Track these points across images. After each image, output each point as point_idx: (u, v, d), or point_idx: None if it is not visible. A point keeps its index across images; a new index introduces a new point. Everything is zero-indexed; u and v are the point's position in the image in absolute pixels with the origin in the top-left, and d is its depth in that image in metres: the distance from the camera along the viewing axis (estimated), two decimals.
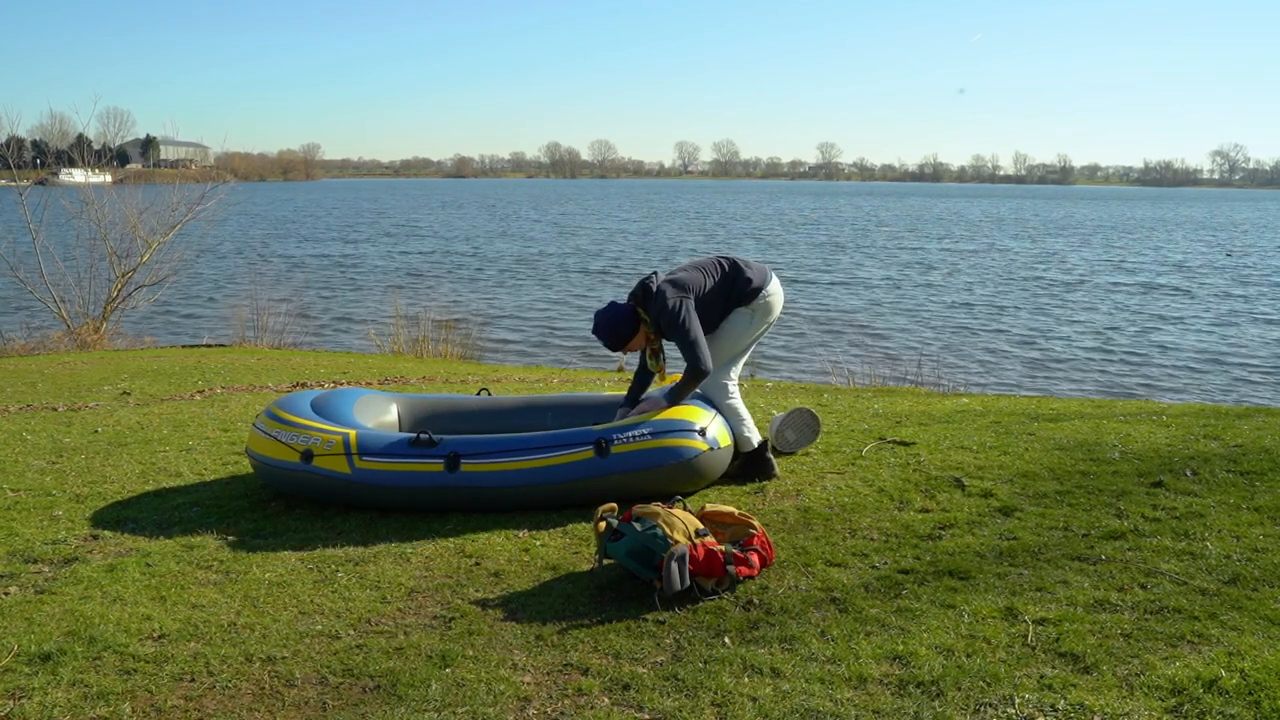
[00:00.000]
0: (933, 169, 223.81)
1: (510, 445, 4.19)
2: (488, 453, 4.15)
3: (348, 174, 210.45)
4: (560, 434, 4.25)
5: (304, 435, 4.27)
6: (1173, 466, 4.68)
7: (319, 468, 4.17)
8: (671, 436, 4.22)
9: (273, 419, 4.47)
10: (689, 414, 4.37)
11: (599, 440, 4.15)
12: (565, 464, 4.13)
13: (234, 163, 73.59)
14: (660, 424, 4.26)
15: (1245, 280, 25.38)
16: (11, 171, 17.26)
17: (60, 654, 2.89)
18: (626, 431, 4.21)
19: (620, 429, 4.23)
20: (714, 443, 4.34)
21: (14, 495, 4.60)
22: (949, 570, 3.46)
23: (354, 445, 4.16)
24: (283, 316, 14.96)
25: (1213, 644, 2.85)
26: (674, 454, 4.20)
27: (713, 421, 4.42)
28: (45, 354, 12.26)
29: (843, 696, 2.61)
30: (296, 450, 4.22)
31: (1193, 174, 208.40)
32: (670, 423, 4.27)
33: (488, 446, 4.19)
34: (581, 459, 4.13)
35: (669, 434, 4.23)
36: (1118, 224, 55.07)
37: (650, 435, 4.21)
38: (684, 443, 4.23)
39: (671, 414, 4.33)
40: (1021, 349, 15.17)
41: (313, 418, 4.44)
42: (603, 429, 4.25)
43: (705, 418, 4.39)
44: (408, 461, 4.11)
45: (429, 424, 4.96)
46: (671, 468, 4.22)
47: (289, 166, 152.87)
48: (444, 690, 2.68)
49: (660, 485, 4.23)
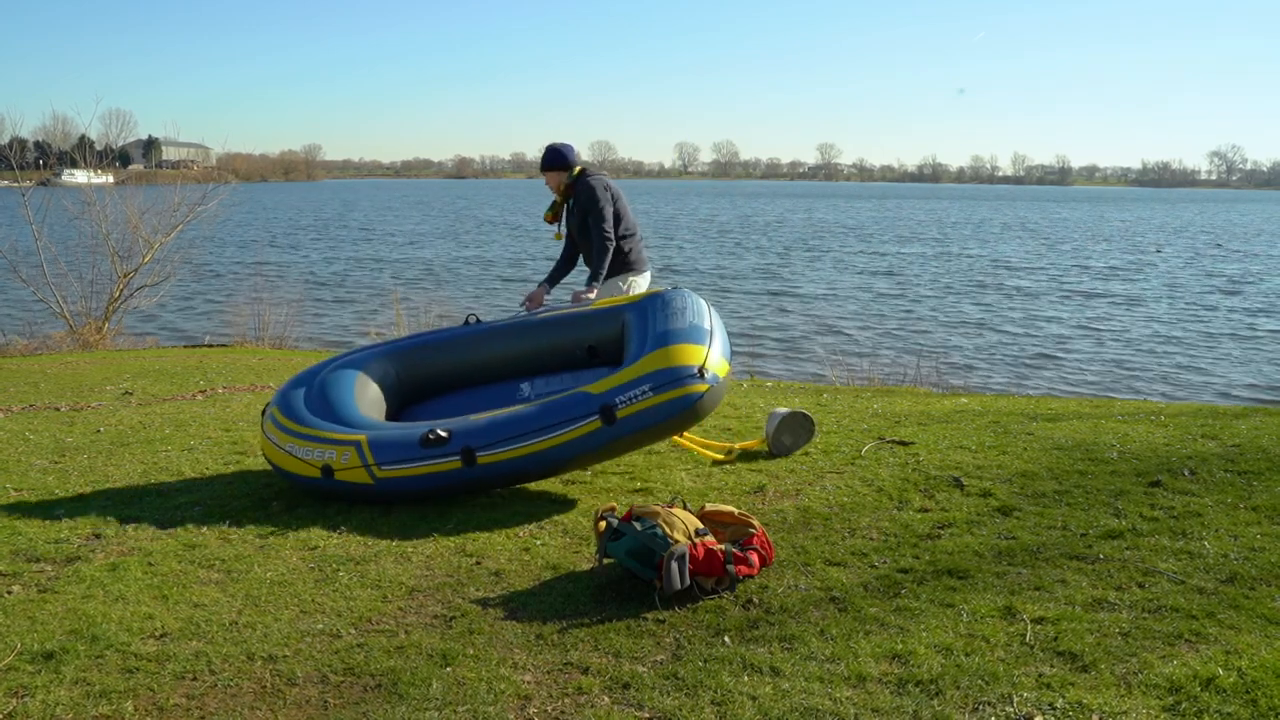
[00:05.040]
0: (932, 169, 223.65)
1: (519, 429, 4.23)
2: (500, 440, 4.22)
3: (349, 174, 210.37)
4: (564, 405, 4.26)
5: (318, 450, 4.33)
6: (1171, 466, 4.69)
7: (342, 481, 4.30)
8: (673, 388, 4.22)
9: (280, 429, 4.50)
10: (684, 356, 4.31)
11: (604, 408, 4.17)
12: (577, 438, 4.20)
13: (235, 163, 73.71)
14: (659, 375, 4.24)
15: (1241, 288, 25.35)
16: (14, 172, 17.29)
17: (63, 652, 2.90)
18: (628, 392, 4.21)
19: (621, 389, 4.22)
20: (714, 379, 4.32)
21: (17, 494, 4.61)
22: (948, 569, 3.47)
23: (369, 455, 4.25)
24: (284, 316, 14.99)
25: (1210, 643, 2.86)
26: (680, 404, 4.23)
27: (709, 353, 4.37)
28: (48, 354, 12.29)
29: (842, 695, 2.62)
30: (315, 466, 4.32)
31: (1190, 175, 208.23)
32: (668, 373, 4.25)
33: (498, 434, 4.24)
34: (591, 430, 4.19)
35: (670, 385, 4.22)
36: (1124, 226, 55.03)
37: (652, 391, 4.21)
38: (686, 390, 4.23)
39: (667, 358, 4.30)
40: (1022, 349, 15.18)
41: (318, 424, 4.46)
42: (602, 392, 4.24)
43: (699, 355, 4.33)
44: (427, 464, 4.21)
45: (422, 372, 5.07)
46: (679, 417, 4.28)
47: (290, 167, 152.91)
48: (445, 689, 2.70)
49: (671, 433, 4.42)
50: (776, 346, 15.28)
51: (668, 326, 4.48)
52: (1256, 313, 19.32)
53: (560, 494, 4.58)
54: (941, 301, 20.69)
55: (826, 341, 15.49)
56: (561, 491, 4.62)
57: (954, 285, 23.64)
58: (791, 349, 15.07)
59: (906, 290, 22.58)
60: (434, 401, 5.15)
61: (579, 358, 5.04)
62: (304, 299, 18.98)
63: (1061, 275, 26.20)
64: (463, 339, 5.15)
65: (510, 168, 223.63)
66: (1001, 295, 21.73)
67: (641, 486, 4.66)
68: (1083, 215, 67.68)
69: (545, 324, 5.09)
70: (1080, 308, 19.83)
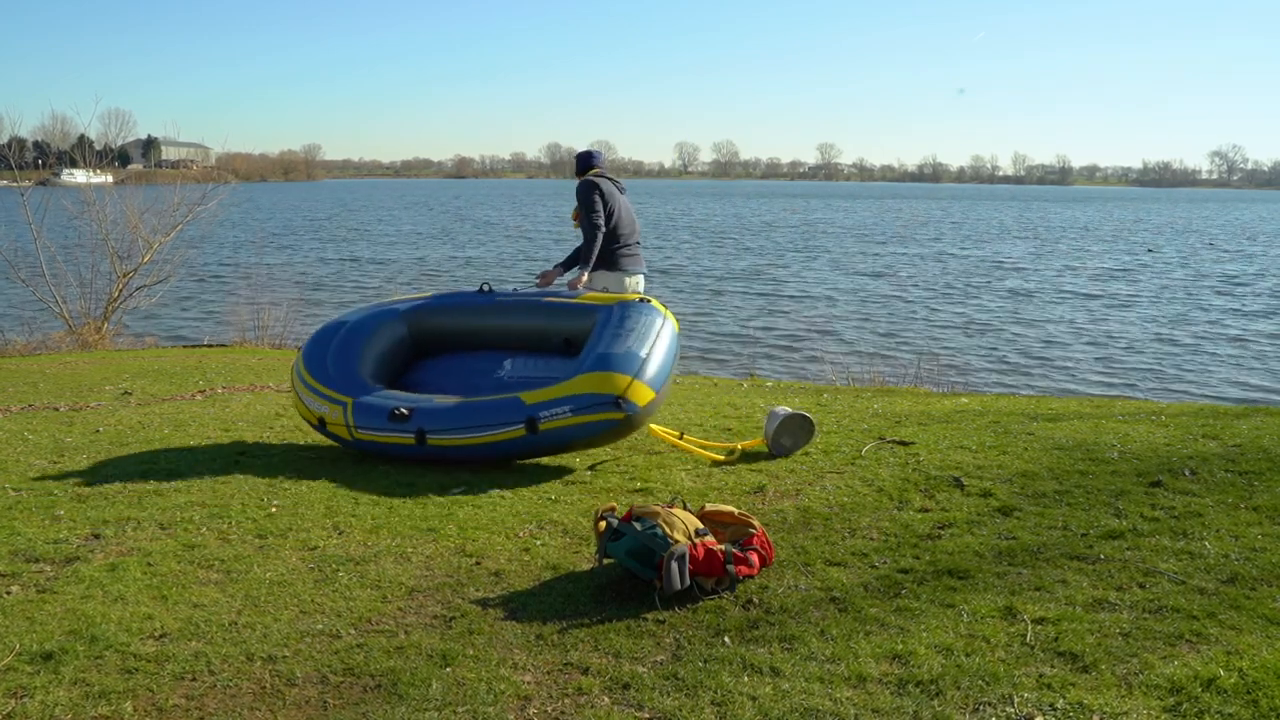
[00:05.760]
0: (932, 169, 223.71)
1: (463, 421, 4.88)
2: (447, 429, 4.90)
3: (348, 174, 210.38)
4: (501, 408, 4.85)
5: (317, 403, 5.21)
6: (1171, 466, 4.69)
7: (331, 432, 5.23)
8: (589, 412, 4.72)
9: (299, 379, 5.36)
10: (607, 384, 4.73)
11: (529, 420, 4.75)
12: (505, 441, 4.83)
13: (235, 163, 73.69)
14: (580, 399, 4.72)
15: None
16: (13, 172, 17.30)
17: (62, 653, 2.89)
18: (552, 409, 4.73)
19: (547, 405, 4.74)
20: (631, 408, 4.71)
21: (16, 495, 4.60)
22: (948, 570, 3.47)
23: (350, 418, 5.07)
24: (283, 316, 14.98)
25: (1211, 643, 2.85)
26: (595, 427, 4.76)
27: (630, 385, 4.73)
28: (47, 354, 12.28)
29: (842, 695, 2.62)
30: (315, 416, 5.25)
31: (1191, 174, 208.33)
32: (588, 398, 4.72)
33: (446, 421, 4.91)
34: (517, 436, 4.80)
35: (588, 409, 4.72)
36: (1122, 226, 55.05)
37: (571, 412, 4.73)
38: (601, 416, 4.72)
39: (592, 383, 4.75)
40: (1023, 349, 15.18)
41: (323, 381, 5.26)
42: (531, 404, 4.78)
43: (621, 384, 4.73)
44: (389, 435, 4.98)
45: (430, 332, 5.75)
46: (597, 438, 4.86)
47: (290, 167, 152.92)
48: (444, 689, 2.69)
49: (594, 446, 5.03)
50: (776, 347, 15.28)
51: (608, 349, 4.90)
52: (1256, 314, 19.32)
53: (560, 494, 4.58)
54: (941, 302, 20.69)
55: (826, 342, 15.49)
56: (561, 491, 4.62)
57: (954, 286, 23.64)
58: (791, 349, 15.07)
59: (906, 290, 22.58)
60: (438, 359, 5.80)
61: (557, 346, 5.49)
62: (303, 299, 18.98)
63: (1059, 276, 26.20)
64: (468, 307, 5.73)
65: (510, 167, 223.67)
66: (1002, 296, 21.73)
67: (641, 486, 4.66)
68: (1083, 215, 67.68)
69: (534, 308, 5.56)
70: (1080, 308, 19.82)
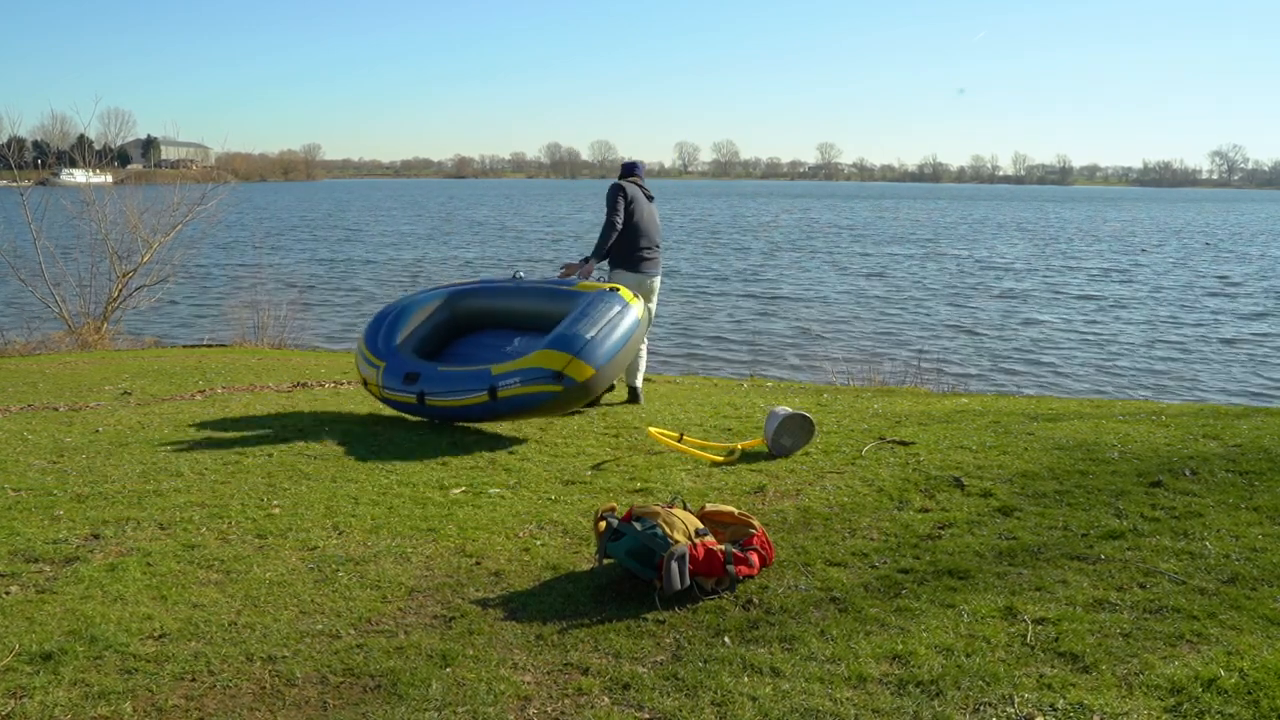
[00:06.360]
0: (932, 169, 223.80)
1: (449, 386, 5.75)
2: (438, 392, 5.78)
3: (348, 174, 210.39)
4: (476, 376, 5.68)
5: (365, 367, 6.22)
6: (1172, 466, 4.69)
7: (371, 391, 6.25)
8: (535, 384, 5.51)
9: (358, 348, 6.40)
10: (551, 361, 5.51)
11: (491, 388, 5.57)
12: (473, 405, 5.67)
13: (234, 163, 73.67)
14: (529, 372, 5.52)
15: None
16: (13, 172, 17.28)
17: (61, 653, 2.89)
18: (509, 379, 5.55)
19: (506, 376, 5.56)
20: (569, 382, 5.48)
21: (15, 495, 4.60)
22: (948, 570, 3.47)
23: (380, 379, 6.05)
24: (283, 316, 14.97)
25: (1212, 643, 2.85)
26: (538, 398, 5.53)
27: (570, 363, 5.47)
28: (46, 354, 12.27)
29: (842, 696, 2.62)
30: (362, 378, 6.31)
31: (1192, 174, 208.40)
32: (535, 371, 5.51)
33: (439, 385, 5.79)
34: (481, 401, 5.62)
35: (533, 380, 5.51)
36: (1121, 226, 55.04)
37: (520, 383, 5.54)
38: (542, 388, 5.50)
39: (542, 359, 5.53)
40: (1022, 350, 15.17)
41: (373, 350, 6.23)
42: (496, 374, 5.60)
43: (562, 361, 5.48)
44: (401, 394, 5.94)
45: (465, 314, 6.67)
46: (542, 406, 5.60)
47: (289, 167, 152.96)
48: (444, 690, 2.69)
49: (544, 414, 5.81)
50: (776, 347, 15.28)
51: (562, 330, 5.67)
52: (1257, 315, 19.32)
53: (560, 494, 4.58)
54: (942, 302, 20.69)
55: (826, 342, 15.48)
56: (561, 491, 4.62)
57: (954, 286, 23.63)
58: (791, 349, 15.07)
59: (906, 290, 22.58)
60: (473, 336, 6.68)
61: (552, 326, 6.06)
62: (303, 300, 18.97)
63: (1057, 276, 26.19)
64: (496, 291, 6.65)
65: (510, 167, 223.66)
66: (1002, 296, 21.72)
67: (641, 486, 4.65)
68: (1083, 215, 67.66)
69: (540, 294, 6.40)
70: (1081, 309, 19.82)
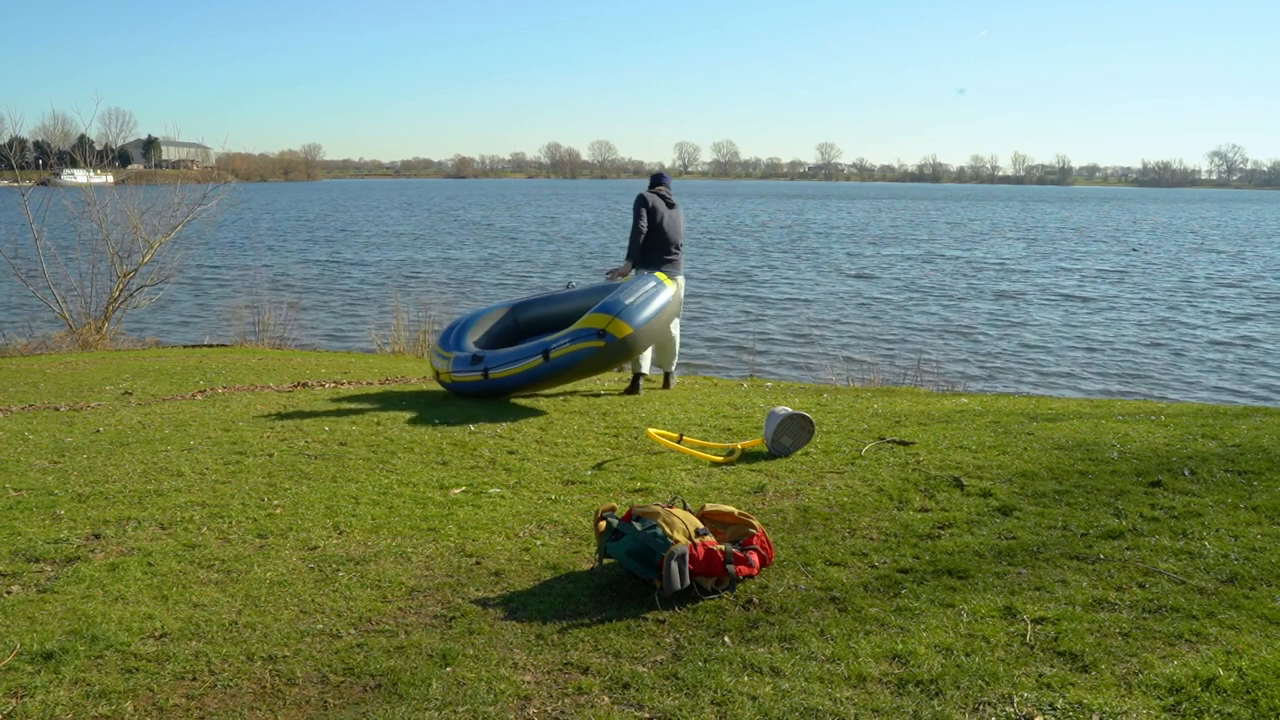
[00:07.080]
0: (932, 169, 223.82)
1: (510, 360, 6.75)
2: (501, 364, 6.77)
3: (348, 174, 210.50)
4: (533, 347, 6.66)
5: (438, 360, 7.20)
6: (1171, 466, 4.69)
7: (441, 380, 7.22)
8: (581, 341, 6.44)
9: (433, 347, 7.44)
10: (595, 321, 6.45)
11: (544, 350, 6.56)
12: (533, 368, 6.61)
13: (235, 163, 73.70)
14: (577, 333, 6.47)
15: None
16: (14, 172, 17.30)
17: (62, 653, 2.90)
18: (560, 341, 6.52)
19: (558, 339, 6.53)
20: (610, 338, 6.39)
21: (16, 495, 4.61)
22: (948, 569, 3.47)
23: (450, 368, 7.04)
24: (283, 317, 14.97)
25: (1211, 643, 2.86)
26: (584, 353, 6.43)
27: (610, 322, 6.40)
28: (47, 354, 12.28)
29: (842, 695, 2.62)
30: (435, 370, 7.26)
31: (1191, 174, 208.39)
32: (582, 331, 6.46)
33: (500, 361, 6.80)
34: (537, 364, 6.58)
35: (580, 339, 6.45)
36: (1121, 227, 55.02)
37: (569, 341, 6.48)
38: (586, 344, 6.42)
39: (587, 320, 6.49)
40: (1022, 350, 15.18)
41: (445, 347, 7.20)
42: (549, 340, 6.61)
43: (603, 321, 6.42)
44: (468, 375, 6.92)
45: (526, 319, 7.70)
46: (588, 360, 6.46)
47: (290, 167, 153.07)
48: (444, 689, 2.69)
49: (589, 372, 6.69)
50: (776, 347, 15.28)
51: (607, 298, 6.60)
52: (1256, 316, 19.32)
53: (560, 494, 4.58)
54: (942, 302, 20.69)
55: (826, 342, 15.49)
56: (561, 491, 4.62)
57: (954, 286, 23.64)
58: (791, 349, 15.07)
59: (906, 291, 22.58)
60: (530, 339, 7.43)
61: None
62: (303, 301, 18.97)
63: (1056, 276, 26.19)
64: (552, 299, 7.72)
65: (510, 167, 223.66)
66: (1003, 296, 21.73)
67: (641, 486, 4.66)
68: (1083, 215, 67.66)
69: (589, 293, 7.51)
70: (1081, 309, 19.82)
